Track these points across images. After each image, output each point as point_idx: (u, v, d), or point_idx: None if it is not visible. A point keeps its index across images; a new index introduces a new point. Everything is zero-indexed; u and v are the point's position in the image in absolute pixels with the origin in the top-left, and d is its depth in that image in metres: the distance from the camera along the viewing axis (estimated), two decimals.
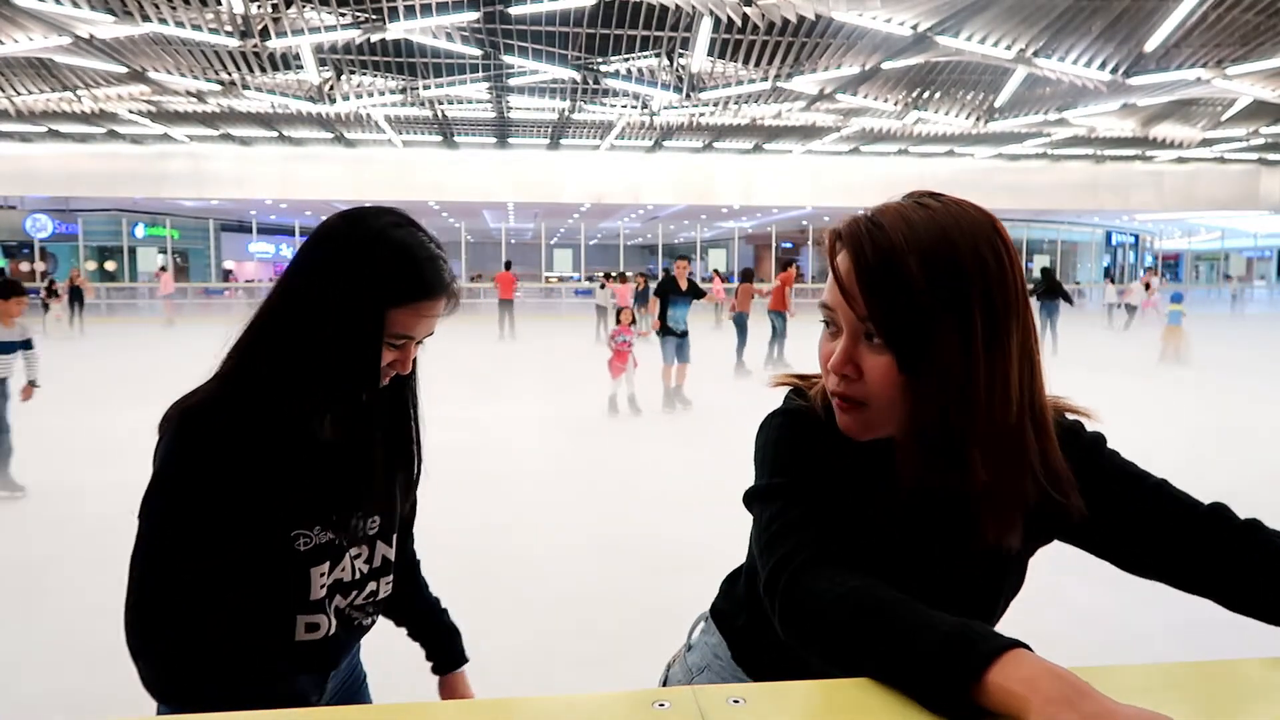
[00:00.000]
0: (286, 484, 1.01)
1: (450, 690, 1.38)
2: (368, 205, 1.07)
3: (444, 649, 1.37)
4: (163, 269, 23.78)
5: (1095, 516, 0.88)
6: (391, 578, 1.20)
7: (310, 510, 1.05)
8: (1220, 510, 0.88)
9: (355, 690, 1.30)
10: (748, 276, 11.93)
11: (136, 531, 0.96)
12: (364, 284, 1.01)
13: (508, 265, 18.00)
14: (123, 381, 6.54)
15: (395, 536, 1.19)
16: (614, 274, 17.17)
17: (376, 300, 1.01)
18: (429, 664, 1.38)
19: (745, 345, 11.12)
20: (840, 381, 0.82)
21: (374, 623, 1.21)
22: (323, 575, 1.07)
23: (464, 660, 1.39)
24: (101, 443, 6.51)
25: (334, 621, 1.10)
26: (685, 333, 8.61)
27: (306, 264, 1.05)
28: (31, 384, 5.30)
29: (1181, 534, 0.87)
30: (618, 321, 8.28)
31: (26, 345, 5.30)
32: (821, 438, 0.87)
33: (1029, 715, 0.57)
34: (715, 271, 22.66)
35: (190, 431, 0.97)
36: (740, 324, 11.19)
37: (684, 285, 8.62)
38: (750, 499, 0.88)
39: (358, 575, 1.13)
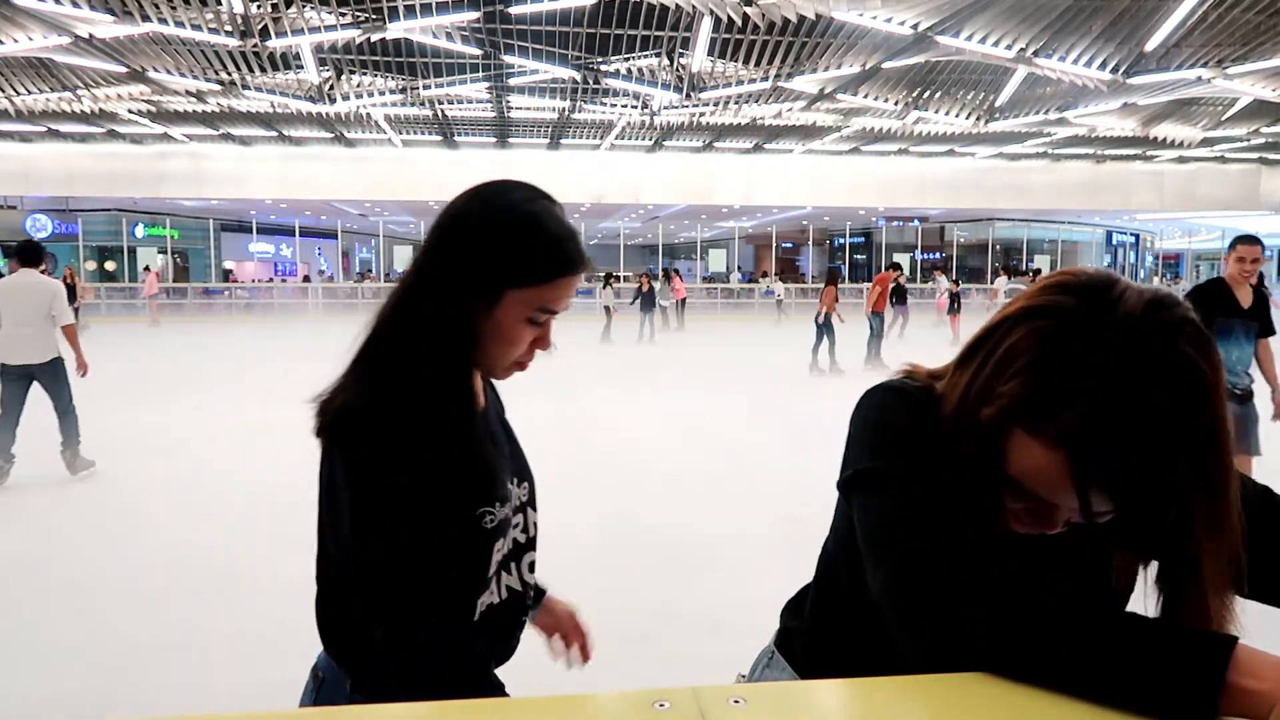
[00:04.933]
0: (467, 464, 1.01)
1: (551, 612, 1.39)
2: (496, 181, 1.05)
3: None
4: (146, 268, 23.74)
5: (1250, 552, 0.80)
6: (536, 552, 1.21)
7: (490, 487, 1.05)
8: None
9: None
10: (833, 278, 11.99)
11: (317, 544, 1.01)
12: (511, 262, 0.99)
13: None
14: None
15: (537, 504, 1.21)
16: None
17: (524, 278, 0.99)
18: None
19: (827, 345, 11.34)
20: None
21: (534, 610, 1.23)
22: (500, 550, 1.07)
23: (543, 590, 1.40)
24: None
25: (503, 594, 1.11)
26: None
27: (444, 245, 1.02)
28: None
29: None
30: None
31: None
32: (932, 418, 0.78)
33: (1275, 709, 0.56)
34: (675, 271, 21.98)
35: (370, 443, 0.94)
36: (826, 326, 11.35)
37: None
38: (852, 485, 0.81)
39: (513, 546, 1.13)
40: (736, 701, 0.61)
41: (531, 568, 1.17)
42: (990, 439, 0.73)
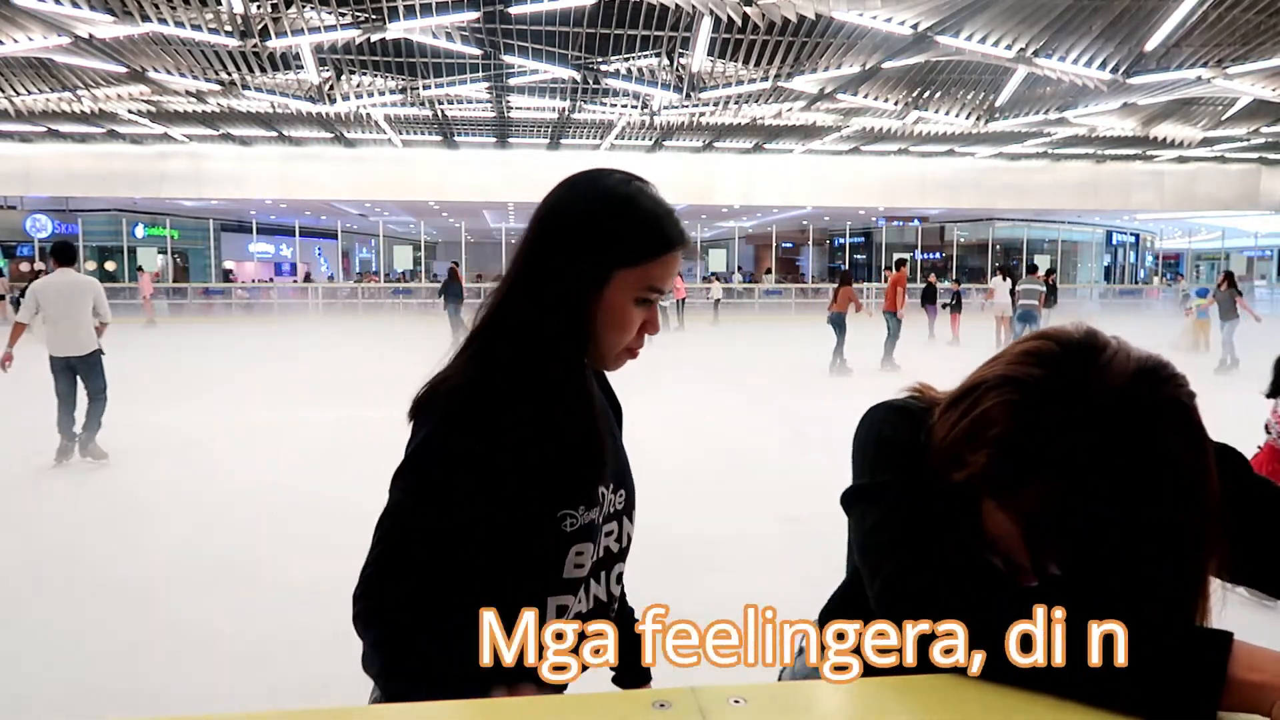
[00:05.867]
0: (552, 463, 0.98)
1: None
2: (587, 170, 1.05)
3: (628, 663, 1.27)
4: (140, 269, 23.81)
5: (1246, 541, 0.77)
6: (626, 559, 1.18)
7: (577, 488, 1.02)
8: None
9: None
10: (846, 279, 12.02)
11: (386, 502, 0.95)
12: (616, 243, 0.99)
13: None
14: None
15: (635, 513, 1.17)
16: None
17: (631, 257, 0.99)
18: (611, 674, 1.27)
19: (843, 344, 11.37)
20: None
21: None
22: (580, 554, 1.04)
23: (649, 678, 1.26)
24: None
25: (586, 604, 1.07)
26: None
27: (548, 236, 1.01)
28: None
29: None
30: None
31: None
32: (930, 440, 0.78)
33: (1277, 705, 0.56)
34: (677, 271, 21.92)
35: (452, 416, 0.94)
36: (838, 324, 11.38)
37: None
38: (850, 499, 0.81)
39: (604, 554, 1.09)
40: (736, 701, 0.61)
41: (619, 579, 1.13)
42: (964, 498, 0.74)
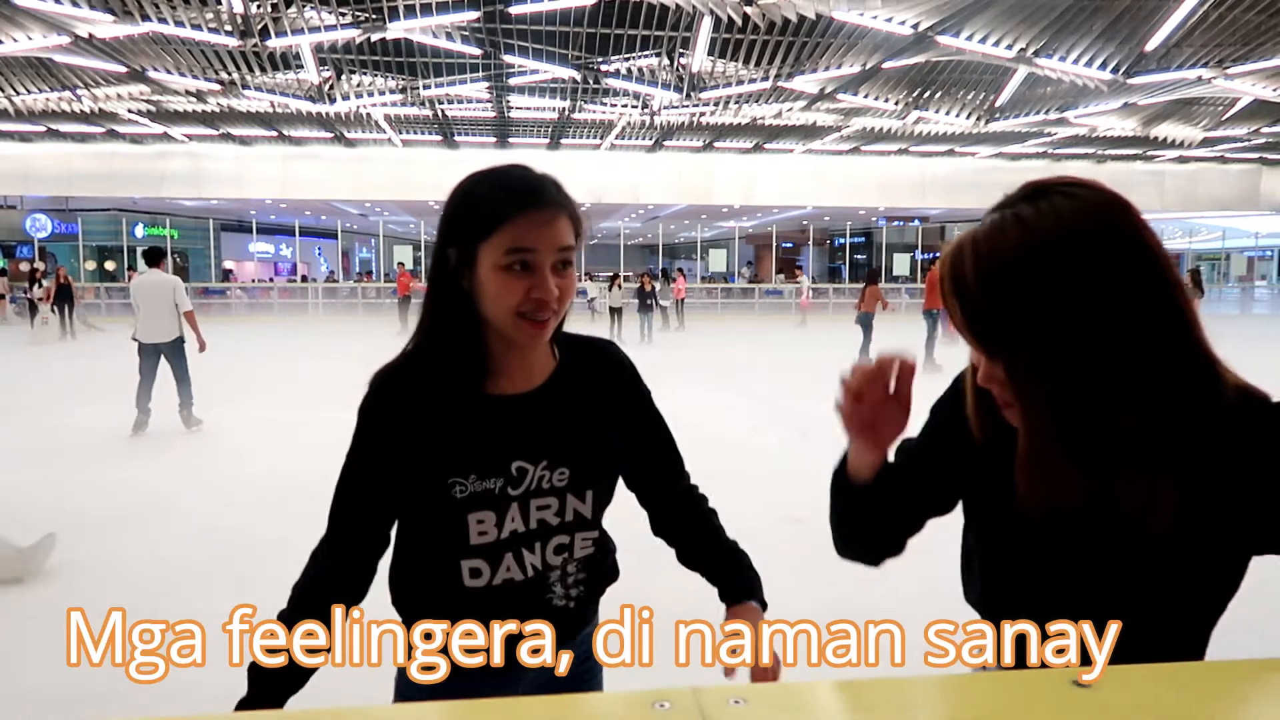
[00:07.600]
0: (443, 436, 1.09)
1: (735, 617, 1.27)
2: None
3: (730, 578, 1.36)
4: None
5: None
6: (593, 535, 1.22)
7: (467, 460, 1.10)
8: None
9: (585, 683, 1.27)
10: (874, 278, 11.98)
11: None
12: (471, 216, 1.08)
13: (400, 265, 19.22)
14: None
15: (593, 493, 1.19)
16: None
17: (485, 226, 1.06)
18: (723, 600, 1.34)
19: (870, 345, 11.34)
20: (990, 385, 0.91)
21: (576, 603, 1.21)
22: (482, 523, 1.11)
23: (753, 595, 1.32)
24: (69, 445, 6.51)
25: (513, 570, 1.14)
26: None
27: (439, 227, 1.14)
28: None
29: None
30: None
31: None
32: (962, 405, 0.98)
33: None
34: (679, 270, 21.63)
35: (369, 392, 1.12)
36: (865, 324, 11.39)
37: None
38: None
39: (536, 525, 1.15)
40: (737, 702, 0.61)
41: (560, 550, 1.17)
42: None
